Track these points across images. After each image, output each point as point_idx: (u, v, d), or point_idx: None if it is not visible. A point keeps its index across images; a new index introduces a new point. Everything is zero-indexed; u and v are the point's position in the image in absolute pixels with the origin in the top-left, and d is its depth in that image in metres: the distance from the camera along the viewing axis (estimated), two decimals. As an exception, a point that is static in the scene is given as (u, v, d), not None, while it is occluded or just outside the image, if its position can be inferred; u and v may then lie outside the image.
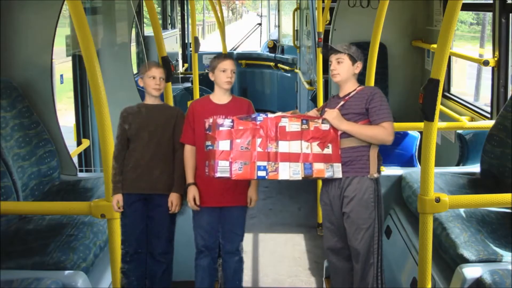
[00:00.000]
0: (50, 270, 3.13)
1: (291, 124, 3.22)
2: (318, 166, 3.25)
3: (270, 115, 3.28)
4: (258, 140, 3.16)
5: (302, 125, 3.26)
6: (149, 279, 3.73)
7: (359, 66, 3.54)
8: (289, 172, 3.17)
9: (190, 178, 3.65)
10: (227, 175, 3.13)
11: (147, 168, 3.60)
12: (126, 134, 3.62)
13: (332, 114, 3.40)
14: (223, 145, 3.13)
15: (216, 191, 3.63)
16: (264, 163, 3.14)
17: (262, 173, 3.13)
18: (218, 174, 3.13)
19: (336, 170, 3.32)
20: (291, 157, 3.19)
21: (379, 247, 3.46)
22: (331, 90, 6.42)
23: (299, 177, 3.20)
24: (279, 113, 3.31)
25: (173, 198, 3.63)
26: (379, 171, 3.46)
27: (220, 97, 3.68)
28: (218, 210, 3.69)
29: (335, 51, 3.55)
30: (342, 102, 3.50)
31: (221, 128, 3.15)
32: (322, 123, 3.35)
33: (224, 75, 3.61)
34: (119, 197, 3.49)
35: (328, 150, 3.29)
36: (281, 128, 3.20)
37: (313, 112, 3.56)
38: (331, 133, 3.35)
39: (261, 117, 3.21)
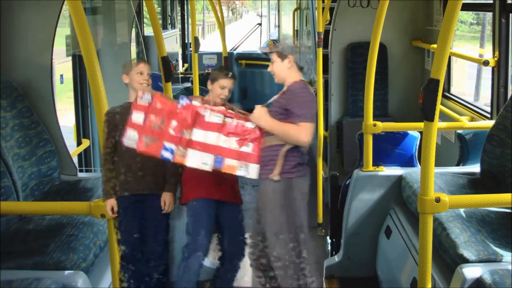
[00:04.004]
0: (50, 270, 3.13)
1: (212, 116, 3.23)
2: (230, 162, 3.26)
3: (196, 102, 3.30)
4: (173, 123, 3.20)
5: (225, 118, 3.27)
6: (147, 281, 3.71)
7: (290, 59, 3.51)
8: (198, 160, 3.21)
9: None
10: (134, 145, 3.22)
11: (141, 168, 3.57)
12: (114, 136, 3.52)
13: (255, 111, 3.38)
14: (136, 116, 3.21)
15: (209, 182, 3.61)
16: (172, 146, 3.18)
17: (167, 155, 3.20)
18: (124, 141, 3.23)
19: (251, 171, 3.31)
20: (204, 147, 3.22)
21: (296, 254, 3.43)
22: (331, 90, 6.42)
23: (208, 168, 3.24)
24: (216, 106, 3.36)
25: (166, 197, 3.61)
26: (286, 173, 3.39)
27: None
28: (214, 205, 3.68)
29: (266, 52, 3.64)
30: (273, 98, 3.51)
31: (140, 101, 3.24)
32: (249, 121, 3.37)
33: (222, 92, 3.67)
34: (113, 202, 3.33)
35: (248, 149, 3.29)
36: (200, 117, 3.23)
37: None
38: (254, 132, 3.33)
39: (184, 101, 3.25)
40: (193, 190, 3.67)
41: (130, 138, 3.23)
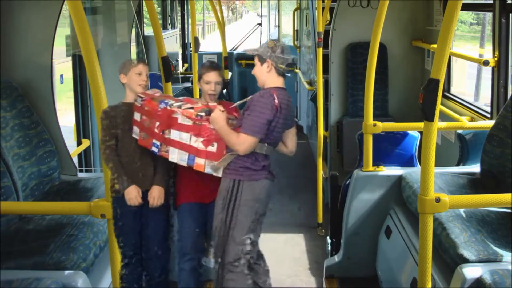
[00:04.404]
0: (50, 270, 3.13)
1: (184, 118, 3.47)
2: (198, 160, 3.47)
3: (171, 105, 3.49)
4: (157, 123, 3.49)
5: (196, 120, 3.46)
6: (146, 280, 3.71)
7: (269, 64, 3.48)
8: (177, 157, 3.49)
9: None
10: (137, 137, 3.58)
11: (141, 166, 3.58)
12: (116, 135, 3.55)
13: (212, 114, 3.41)
14: (136, 115, 3.59)
15: (197, 185, 3.64)
16: (158, 143, 3.51)
17: (155, 149, 3.53)
18: (133, 135, 3.59)
19: (217, 169, 3.49)
20: (180, 146, 3.48)
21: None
22: (331, 90, 6.42)
23: (184, 164, 3.48)
24: (188, 105, 3.52)
25: (152, 191, 3.57)
26: (232, 174, 3.45)
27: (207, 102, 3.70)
28: (201, 208, 3.69)
29: (249, 54, 3.61)
30: (246, 99, 3.53)
31: (136, 103, 3.59)
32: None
33: (208, 87, 3.65)
34: (136, 189, 3.49)
35: (213, 148, 3.46)
36: (174, 119, 3.47)
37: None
38: (216, 133, 3.46)
39: (162, 105, 3.50)
40: (180, 195, 3.71)
41: (135, 132, 3.58)
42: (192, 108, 3.49)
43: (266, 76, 3.51)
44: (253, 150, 3.42)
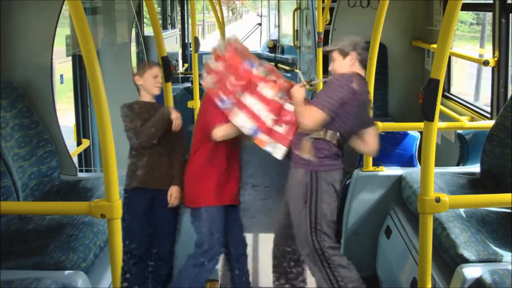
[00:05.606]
0: (50, 270, 3.13)
1: (263, 88, 3.34)
2: (262, 136, 3.35)
3: (257, 69, 3.40)
4: (234, 80, 3.38)
5: (275, 95, 3.34)
6: (153, 280, 3.71)
7: (353, 56, 3.46)
8: (241, 121, 3.34)
9: None
10: (202, 83, 3.51)
11: (159, 164, 3.62)
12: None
13: (292, 90, 3.34)
14: (215, 63, 3.55)
15: (224, 187, 3.62)
16: (226, 98, 3.37)
17: (220, 103, 3.38)
18: (200, 81, 3.57)
19: (277, 151, 3.36)
20: (250, 113, 3.34)
21: (319, 249, 3.40)
22: (331, 90, 6.41)
23: (246, 131, 3.36)
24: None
25: (173, 191, 3.64)
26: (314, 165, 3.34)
27: None
28: (224, 210, 3.68)
29: (327, 51, 3.61)
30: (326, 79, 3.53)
31: (217, 50, 3.52)
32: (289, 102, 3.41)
33: None
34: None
35: (280, 129, 3.35)
36: (253, 85, 3.33)
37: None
38: (291, 115, 3.34)
39: (247, 65, 3.38)
40: (205, 196, 3.61)
41: (206, 80, 3.44)
42: (275, 81, 3.37)
43: (349, 69, 3.47)
44: (318, 127, 3.30)
